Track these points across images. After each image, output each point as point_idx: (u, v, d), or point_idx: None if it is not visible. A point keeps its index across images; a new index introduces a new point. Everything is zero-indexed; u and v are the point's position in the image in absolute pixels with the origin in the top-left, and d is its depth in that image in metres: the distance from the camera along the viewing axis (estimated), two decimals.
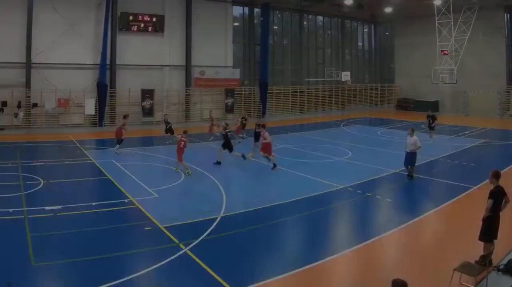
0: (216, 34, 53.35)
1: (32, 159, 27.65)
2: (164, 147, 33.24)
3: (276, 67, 60.73)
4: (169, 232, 15.33)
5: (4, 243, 14.21)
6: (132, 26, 47.63)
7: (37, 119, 43.38)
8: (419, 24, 60.79)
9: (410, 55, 64.43)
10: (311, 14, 63.47)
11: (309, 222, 17.28)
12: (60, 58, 43.40)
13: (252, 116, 55.18)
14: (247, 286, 11.59)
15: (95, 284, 11.36)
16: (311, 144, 35.48)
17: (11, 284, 10.94)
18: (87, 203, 18.60)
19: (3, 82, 40.35)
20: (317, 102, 63.42)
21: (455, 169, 27.14)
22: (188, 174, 23.95)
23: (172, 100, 50.41)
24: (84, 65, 45.21)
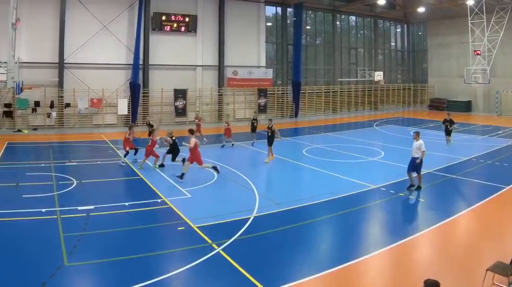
0: (249, 34, 51.43)
1: (64, 159, 26.63)
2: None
3: (309, 67, 58.27)
4: (202, 232, 14.87)
5: (38, 243, 13.82)
6: (165, 26, 45.80)
7: (69, 119, 41.84)
8: (452, 24, 59.01)
9: (443, 55, 62.25)
10: (344, 14, 60.83)
11: (342, 222, 16.71)
12: (93, 58, 42.02)
13: (286, 117, 53.73)
14: (280, 286, 11.25)
15: (128, 284, 11.09)
16: (344, 144, 34.03)
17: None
18: (120, 203, 18.09)
19: (36, 82, 38.83)
20: (350, 103, 60.91)
21: (488, 169, 25.91)
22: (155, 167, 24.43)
23: (204, 100, 48.59)
24: (117, 65, 43.62)
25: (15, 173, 23.19)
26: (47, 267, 12.01)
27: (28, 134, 37.50)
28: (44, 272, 11.69)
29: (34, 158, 27.56)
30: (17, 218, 16.10)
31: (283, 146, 30.88)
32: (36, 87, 39.10)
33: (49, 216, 16.19)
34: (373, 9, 61.87)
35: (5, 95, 39.17)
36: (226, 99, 49.99)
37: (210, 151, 30.39)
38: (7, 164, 25.38)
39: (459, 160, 27.39)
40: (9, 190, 19.92)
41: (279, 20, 54.90)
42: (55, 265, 12.09)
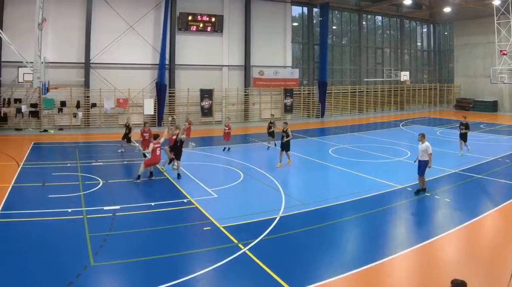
0: (275, 34, 49.36)
1: (91, 159, 25.89)
2: (222, 147, 30.24)
3: (335, 67, 56.06)
4: (228, 232, 14.46)
5: (64, 243, 13.45)
6: (191, 26, 44.08)
7: (96, 119, 40.47)
8: (478, 24, 56.77)
9: (469, 55, 59.94)
10: (370, 13, 58.46)
11: (368, 222, 16.09)
12: (119, 58, 40.61)
13: (312, 117, 51.85)
14: (306, 286, 10.90)
15: (154, 284, 10.81)
16: (370, 143, 32.76)
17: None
18: (146, 203, 17.79)
19: (63, 83, 37.42)
20: (376, 103, 58.59)
21: None
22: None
23: (231, 100, 46.83)
24: (143, 65, 42.13)
25: (41, 173, 22.41)
26: (73, 267, 11.70)
27: (54, 135, 36.50)
28: (70, 272, 11.39)
29: (60, 158, 26.74)
30: (43, 218, 15.60)
31: (309, 145, 30.23)
32: (62, 87, 37.74)
33: (75, 216, 15.79)
34: (399, 9, 59.62)
35: (32, 95, 38.03)
36: (252, 99, 48.22)
37: (237, 150, 29.81)
38: (33, 164, 24.55)
39: (485, 160, 26.44)
40: (35, 190, 19.36)
41: (305, 20, 52.79)
42: (81, 265, 11.79)
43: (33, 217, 15.66)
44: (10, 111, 37.03)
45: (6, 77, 36.83)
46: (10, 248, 13.00)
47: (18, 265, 11.89)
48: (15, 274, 11.36)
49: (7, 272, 11.46)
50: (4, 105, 37.02)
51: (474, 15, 55.58)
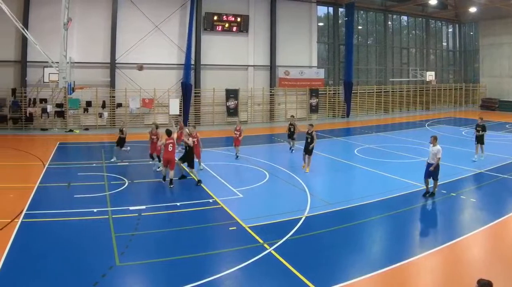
0: (301, 34, 47.07)
1: (116, 159, 24.61)
2: (248, 147, 29.09)
3: (361, 67, 53.57)
4: (253, 232, 14.01)
5: (89, 243, 13.10)
6: (217, 26, 42.18)
7: (121, 119, 38.11)
8: (504, 24, 54.63)
9: (495, 55, 57.38)
10: (396, 14, 55.72)
11: (393, 222, 15.65)
12: (145, 58, 38.34)
13: (337, 117, 49.56)
14: (332, 286, 10.57)
15: (179, 284, 10.47)
16: (396, 143, 31.53)
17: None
18: (171, 203, 17.19)
19: (88, 83, 36.00)
20: (402, 103, 55.83)
21: None
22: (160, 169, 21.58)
23: (256, 100, 44.77)
24: (168, 65, 40.40)
25: (66, 173, 21.73)
26: (99, 267, 11.37)
27: (79, 135, 35.22)
28: (96, 272, 11.06)
29: (86, 158, 25.91)
30: (69, 218, 15.19)
31: (335, 145, 29.46)
32: (88, 87, 36.34)
33: (101, 216, 15.36)
34: (425, 9, 56.80)
35: (57, 95, 36.54)
36: (277, 99, 46.07)
37: (263, 150, 29.09)
38: (58, 164, 23.73)
39: (510, 159, 25.23)
40: (61, 190, 18.82)
41: (330, 20, 50.41)
42: (107, 265, 11.44)
43: (58, 217, 15.19)
44: (35, 111, 35.75)
45: (32, 77, 35.49)
46: (36, 248, 12.54)
47: (44, 265, 11.49)
48: (41, 274, 10.97)
49: (33, 272, 11.07)
50: (30, 105, 35.72)
51: (499, 15, 53.24)
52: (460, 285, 10.90)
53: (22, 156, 26.05)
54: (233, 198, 17.88)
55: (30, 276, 10.86)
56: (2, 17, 25.83)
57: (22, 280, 10.69)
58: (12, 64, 35.59)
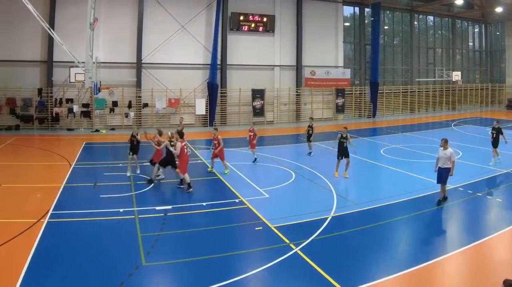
0: (327, 34, 44.47)
1: (142, 159, 22.68)
2: (274, 147, 28.23)
3: (387, 67, 50.71)
4: (279, 232, 13.37)
5: (116, 243, 12.54)
6: (243, 26, 39.96)
7: (147, 120, 36.73)
8: None
9: None
10: (422, 14, 52.70)
11: (419, 222, 14.89)
12: (171, 58, 36.97)
13: (364, 117, 47.07)
14: (358, 286, 9.94)
15: (205, 284, 9.89)
16: (422, 143, 29.73)
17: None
18: (197, 203, 16.34)
19: (114, 82, 34.27)
20: (428, 103, 52.85)
21: None
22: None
23: (282, 100, 42.36)
24: (194, 65, 38.29)
25: (92, 173, 20.83)
26: (125, 267, 10.89)
27: (105, 135, 33.53)
28: (122, 272, 10.59)
29: (112, 158, 25.10)
30: (95, 218, 14.55)
31: (361, 145, 27.47)
32: (114, 87, 34.48)
33: (127, 216, 14.70)
34: (451, 9, 53.60)
35: (83, 95, 34.85)
36: (303, 99, 43.56)
37: (289, 150, 27.68)
38: (85, 164, 22.82)
39: None
40: (87, 190, 18.04)
41: (356, 20, 47.67)
42: (133, 265, 10.97)
43: (84, 217, 14.53)
44: (62, 111, 34.11)
45: (58, 77, 33.89)
46: (62, 248, 12.00)
47: (70, 265, 10.96)
48: (67, 274, 10.45)
49: (59, 272, 10.55)
50: (56, 105, 34.06)
51: None
52: (486, 285, 10.44)
53: (49, 156, 24.96)
54: (259, 198, 17.02)
55: (56, 276, 10.33)
56: (28, 18, 25.04)
57: (48, 280, 10.12)
58: (38, 64, 33.98)
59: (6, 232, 12.71)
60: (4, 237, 12.39)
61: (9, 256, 11.38)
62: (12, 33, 32.81)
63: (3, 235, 12.52)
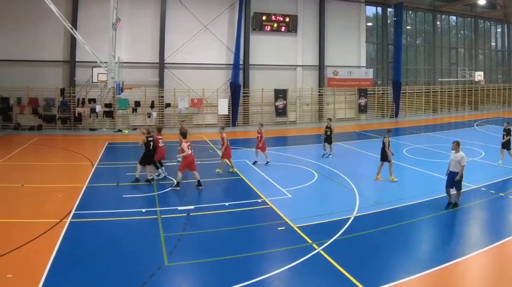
0: (349, 34, 41.98)
1: (165, 159, 21.23)
2: (297, 147, 26.92)
3: (409, 67, 47.85)
4: (302, 232, 12.59)
5: (138, 243, 11.82)
6: (265, 26, 37.69)
7: (170, 119, 34.74)
8: None
9: None
10: (444, 14, 49.64)
11: (442, 222, 13.95)
12: (193, 58, 34.92)
13: (386, 117, 44.50)
14: (380, 286, 9.34)
15: (228, 284, 9.35)
16: (444, 143, 27.61)
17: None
18: (220, 203, 15.59)
19: (137, 83, 32.19)
20: (450, 103, 49.93)
21: None
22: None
23: (305, 101, 39.98)
24: (217, 65, 36.19)
25: (115, 173, 19.85)
26: (147, 267, 10.26)
27: (128, 135, 31.70)
28: (144, 272, 9.97)
29: (134, 158, 22.99)
30: (117, 218, 13.89)
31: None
32: (137, 87, 32.35)
33: (150, 216, 14.07)
34: (474, 9, 50.54)
35: (106, 95, 33.08)
36: (326, 100, 41.03)
37: (312, 150, 25.60)
38: (107, 164, 21.78)
39: None
40: (109, 190, 17.17)
41: (379, 20, 44.86)
42: (156, 265, 10.32)
43: (107, 217, 13.86)
44: (84, 111, 32.41)
45: (80, 77, 32.11)
46: (85, 248, 11.44)
47: (93, 265, 10.40)
48: (89, 274, 9.91)
49: (82, 272, 10.00)
50: (79, 105, 32.33)
51: None
52: (510, 286, 9.93)
53: (71, 156, 23.80)
54: (282, 198, 16.18)
55: (78, 276, 9.81)
56: (51, 17, 23.48)
57: (70, 279, 9.62)
58: (61, 64, 32.30)
59: (29, 232, 12.05)
60: (27, 237, 11.75)
61: (31, 256, 10.74)
62: (34, 33, 31.18)
63: (26, 235, 11.87)
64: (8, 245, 11.14)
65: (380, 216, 14.39)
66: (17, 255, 10.75)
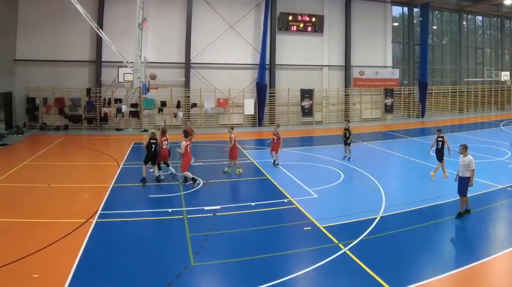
0: (375, 34, 38.88)
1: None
2: (323, 147, 25.22)
3: (435, 67, 44.35)
4: (328, 232, 11.67)
5: (164, 243, 11.04)
6: (291, 26, 34.96)
7: (196, 119, 32.27)
8: None
9: None
10: (470, 14, 45.98)
11: (469, 222, 12.65)
12: (219, 58, 32.41)
13: (412, 116, 41.24)
14: (407, 286, 8.75)
15: (254, 284, 8.81)
16: (470, 143, 24.99)
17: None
18: (246, 203, 14.49)
19: (163, 83, 30.05)
20: (476, 103, 46.23)
21: None
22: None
23: (331, 101, 37.00)
24: (243, 65, 33.61)
25: (141, 173, 17.46)
26: (173, 267, 9.54)
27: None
28: (170, 272, 9.27)
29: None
30: (144, 218, 13.01)
31: (410, 145, 26.02)
32: (163, 87, 30.22)
33: (176, 216, 13.14)
34: (500, 9, 46.47)
35: (132, 95, 30.80)
36: (352, 99, 38.03)
37: (338, 150, 23.04)
38: (133, 164, 20.16)
39: None
40: (136, 190, 16.15)
41: (405, 20, 41.45)
42: (182, 265, 9.59)
43: (133, 217, 13.00)
44: (110, 111, 30.15)
45: (106, 77, 29.97)
46: (111, 248, 10.68)
47: (119, 265, 9.66)
48: (116, 274, 9.18)
49: (108, 272, 9.27)
50: (104, 105, 30.11)
51: None
52: None
53: (97, 156, 22.52)
54: (308, 198, 15.20)
55: (104, 276, 9.15)
56: (77, 17, 21.54)
57: (96, 279, 8.97)
58: (87, 64, 30.16)
59: (55, 232, 11.38)
60: (53, 236, 11.09)
61: (58, 256, 10.10)
62: (60, 33, 29.14)
63: (53, 234, 11.20)
64: (34, 245, 10.45)
65: (406, 216, 13.42)
66: (43, 255, 10.08)
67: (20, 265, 9.54)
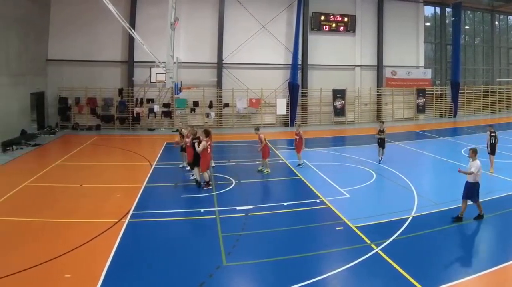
0: (407, 34, 35.01)
1: (223, 159, 19.57)
2: (355, 147, 23.29)
3: (468, 67, 40.16)
4: (360, 232, 10.66)
5: (197, 243, 10.21)
6: (324, 26, 31.57)
7: (228, 119, 29.32)
8: None
9: None
10: (503, 14, 41.46)
11: (500, 222, 11.63)
12: (251, 58, 29.39)
13: (444, 116, 37.31)
14: (439, 286, 7.98)
15: (287, 284, 8.13)
16: (503, 144, 22.92)
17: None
18: (278, 203, 13.11)
19: (195, 83, 27.35)
20: (509, 102, 41.58)
21: None
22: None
23: (363, 100, 33.51)
24: (275, 65, 30.37)
25: (173, 173, 17.19)
26: (206, 266, 8.81)
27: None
28: (203, 271, 8.58)
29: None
30: (176, 218, 11.85)
31: (442, 145, 24.44)
32: (195, 87, 27.44)
33: (208, 216, 11.95)
34: None
35: (164, 95, 28.05)
36: (384, 99, 34.33)
37: (370, 150, 21.15)
38: (165, 164, 18.86)
39: None
40: (168, 190, 14.86)
41: (437, 20, 37.32)
42: (214, 265, 8.86)
43: (165, 217, 11.85)
44: (142, 111, 27.45)
45: (139, 77, 27.35)
46: (143, 247, 9.80)
47: (151, 264, 8.87)
48: (148, 274, 8.54)
49: (140, 271, 8.65)
50: (137, 105, 27.42)
51: None
52: None
53: (129, 156, 20.87)
54: (340, 198, 13.96)
55: (136, 275, 8.41)
56: (109, 18, 19.78)
57: (128, 279, 8.28)
58: (119, 65, 27.53)
59: (87, 232, 10.48)
60: (86, 236, 10.19)
61: (91, 255, 9.28)
62: (93, 33, 26.64)
63: (85, 234, 10.32)
64: (66, 245, 9.69)
65: (438, 216, 12.26)
66: (76, 255, 9.36)
67: (52, 265, 8.82)
